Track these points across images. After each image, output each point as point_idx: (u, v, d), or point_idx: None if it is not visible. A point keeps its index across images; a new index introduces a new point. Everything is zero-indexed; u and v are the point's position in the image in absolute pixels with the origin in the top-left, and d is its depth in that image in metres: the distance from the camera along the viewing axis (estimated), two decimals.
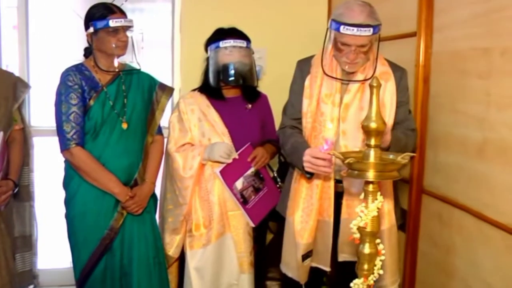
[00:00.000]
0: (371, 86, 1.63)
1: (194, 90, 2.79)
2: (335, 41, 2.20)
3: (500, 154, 1.95)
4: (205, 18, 3.46)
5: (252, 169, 2.68)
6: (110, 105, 2.54)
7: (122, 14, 2.51)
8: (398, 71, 2.32)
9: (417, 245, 2.54)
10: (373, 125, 1.62)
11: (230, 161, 2.58)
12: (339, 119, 2.27)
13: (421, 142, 2.46)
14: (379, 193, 1.66)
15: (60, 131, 2.48)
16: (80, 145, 2.47)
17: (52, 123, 3.27)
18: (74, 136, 2.45)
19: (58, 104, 2.48)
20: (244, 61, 2.63)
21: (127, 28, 2.50)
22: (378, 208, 1.66)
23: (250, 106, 2.77)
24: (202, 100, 2.71)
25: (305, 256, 2.34)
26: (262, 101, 2.87)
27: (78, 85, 2.48)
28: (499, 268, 1.97)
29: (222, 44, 2.61)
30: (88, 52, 2.61)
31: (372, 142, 1.64)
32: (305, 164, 2.16)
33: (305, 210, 2.30)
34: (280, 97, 2.91)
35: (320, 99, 2.31)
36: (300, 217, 2.31)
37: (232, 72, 2.62)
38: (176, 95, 3.43)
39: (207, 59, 2.72)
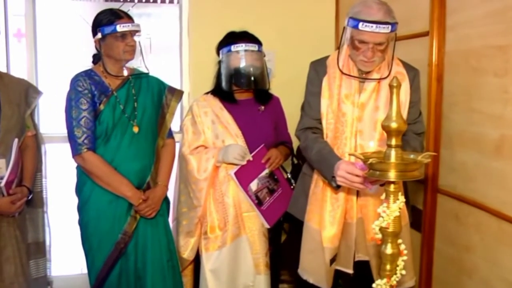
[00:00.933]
0: (391, 86, 1.63)
1: (207, 93, 2.79)
2: (352, 39, 2.20)
3: None
4: (212, 22, 3.48)
5: (266, 171, 2.69)
6: (121, 109, 2.54)
7: (129, 19, 2.52)
8: (411, 71, 2.32)
9: (433, 244, 2.53)
10: (394, 125, 1.61)
11: (244, 163, 2.59)
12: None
13: (435, 141, 2.45)
14: (400, 193, 1.66)
15: (71, 137, 2.49)
16: (91, 149, 2.48)
17: (61, 130, 3.29)
18: (86, 141, 2.46)
19: (69, 109, 2.49)
20: (256, 64, 2.65)
21: (135, 32, 2.51)
22: (399, 208, 1.66)
23: (263, 108, 2.78)
24: (215, 103, 2.72)
25: (332, 260, 2.33)
26: (274, 103, 2.88)
27: (88, 90, 2.49)
28: None
29: (233, 48, 2.63)
30: (96, 59, 2.63)
31: (393, 142, 1.64)
32: (339, 179, 2.13)
33: (331, 213, 2.29)
34: (289, 99, 2.95)
35: (340, 100, 2.30)
36: (328, 222, 2.29)
37: (244, 76, 2.64)
38: (185, 98, 3.43)
39: (219, 62, 2.73)
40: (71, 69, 3.43)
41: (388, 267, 1.69)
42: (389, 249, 1.68)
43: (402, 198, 1.65)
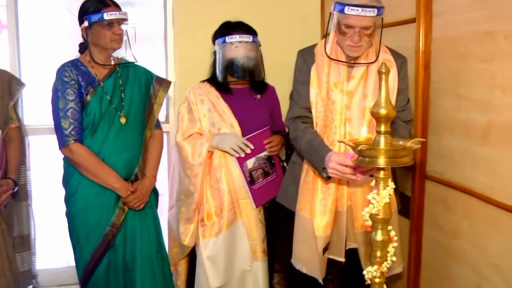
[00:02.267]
0: (379, 72, 1.62)
1: (204, 81, 2.79)
2: (338, 25, 2.20)
3: (506, 136, 1.96)
4: (197, 11, 3.45)
5: (265, 152, 2.72)
6: (108, 99, 2.52)
7: (117, 7, 2.49)
8: (399, 58, 2.33)
9: (422, 231, 2.54)
10: (383, 111, 1.60)
11: (237, 155, 2.60)
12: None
13: (423, 128, 2.46)
14: (390, 180, 1.66)
15: (58, 128, 2.45)
16: (78, 141, 2.45)
17: (45, 122, 3.26)
18: (73, 132, 2.42)
19: (55, 100, 2.45)
20: (251, 55, 2.65)
21: (122, 21, 2.48)
22: (389, 195, 1.65)
23: (259, 97, 2.79)
24: (212, 91, 2.72)
25: (324, 250, 2.34)
26: (270, 92, 2.89)
27: (74, 80, 2.45)
28: (508, 250, 1.97)
29: (228, 39, 2.62)
30: (83, 48, 2.59)
31: (382, 128, 1.63)
32: (330, 171, 2.13)
33: (323, 202, 2.29)
34: (277, 87, 2.94)
35: (329, 88, 2.30)
36: (319, 210, 2.29)
37: (238, 67, 2.64)
38: (171, 88, 3.39)
39: (214, 52, 2.74)
40: (55, 60, 3.40)
41: (378, 253, 1.68)
42: (379, 236, 1.67)
43: (392, 185, 1.65)
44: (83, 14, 2.45)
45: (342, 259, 2.38)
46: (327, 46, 2.29)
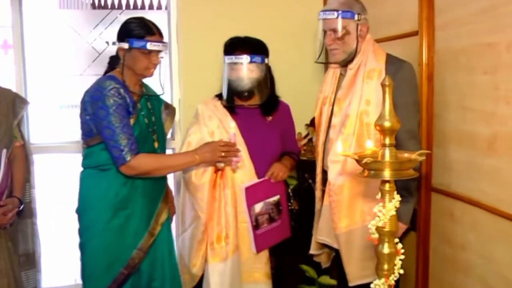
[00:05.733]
0: (383, 85, 1.62)
1: (216, 95, 2.70)
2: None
3: (511, 148, 1.95)
4: (201, 27, 3.47)
5: (275, 198, 2.62)
6: (146, 122, 2.45)
7: (161, 36, 2.39)
8: (394, 65, 2.30)
9: (429, 243, 2.53)
10: (387, 124, 1.60)
11: (222, 165, 2.49)
12: (330, 116, 2.45)
13: (427, 140, 2.45)
14: (395, 192, 1.65)
15: (114, 146, 2.26)
16: (135, 153, 2.28)
17: (50, 140, 3.28)
18: (132, 147, 2.27)
19: (107, 117, 2.25)
20: (252, 76, 2.50)
21: (161, 51, 2.39)
22: (395, 207, 1.65)
23: (270, 118, 2.66)
24: (219, 107, 2.63)
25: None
26: (282, 111, 2.73)
27: (124, 99, 2.32)
28: None
29: (227, 59, 2.52)
30: (114, 63, 2.47)
31: (387, 141, 1.63)
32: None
33: None
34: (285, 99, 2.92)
35: (322, 102, 2.51)
36: None
37: (237, 88, 2.52)
38: (176, 105, 3.41)
39: None
40: (61, 78, 3.45)
41: (385, 266, 1.67)
42: (386, 249, 1.66)
43: (397, 197, 1.64)
44: (125, 34, 2.32)
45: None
46: (317, 54, 2.48)
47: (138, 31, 2.30)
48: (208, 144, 2.39)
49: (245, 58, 2.48)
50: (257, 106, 2.62)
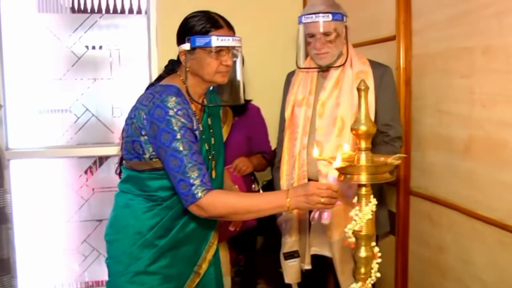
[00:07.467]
0: (358, 90, 1.63)
1: None
2: (304, 37, 2.33)
3: (487, 150, 1.97)
4: None
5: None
6: (206, 149, 1.98)
7: (230, 29, 1.90)
8: (379, 69, 2.33)
9: (408, 246, 2.54)
10: (363, 128, 1.61)
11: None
12: (311, 119, 2.35)
13: (405, 144, 2.47)
14: (372, 196, 1.66)
15: (181, 180, 1.75)
16: (209, 189, 1.76)
17: (28, 145, 3.23)
18: (204, 181, 1.75)
19: (171, 142, 1.76)
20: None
21: (234, 48, 1.89)
22: (372, 211, 1.65)
23: (236, 119, 2.66)
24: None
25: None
26: (250, 114, 2.80)
27: (190, 118, 1.83)
28: (493, 264, 1.98)
29: None
30: (172, 68, 2.02)
31: (363, 145, 1.64)
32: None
33: None
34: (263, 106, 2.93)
35: (296, 104, 2.41)
36: None
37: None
38: None
39: None
40: (40, 83, 3.41)
41: (362, 270, 1.68)
42: (363, 252, 1.67)
43: (374, 201, 1.65)
44: (186, 33, 1.86)
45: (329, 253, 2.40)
46: (299, 60, 2.40)
47: (201, 25, 1.84)
48: (304, 187, 1.75)
49: None
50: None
